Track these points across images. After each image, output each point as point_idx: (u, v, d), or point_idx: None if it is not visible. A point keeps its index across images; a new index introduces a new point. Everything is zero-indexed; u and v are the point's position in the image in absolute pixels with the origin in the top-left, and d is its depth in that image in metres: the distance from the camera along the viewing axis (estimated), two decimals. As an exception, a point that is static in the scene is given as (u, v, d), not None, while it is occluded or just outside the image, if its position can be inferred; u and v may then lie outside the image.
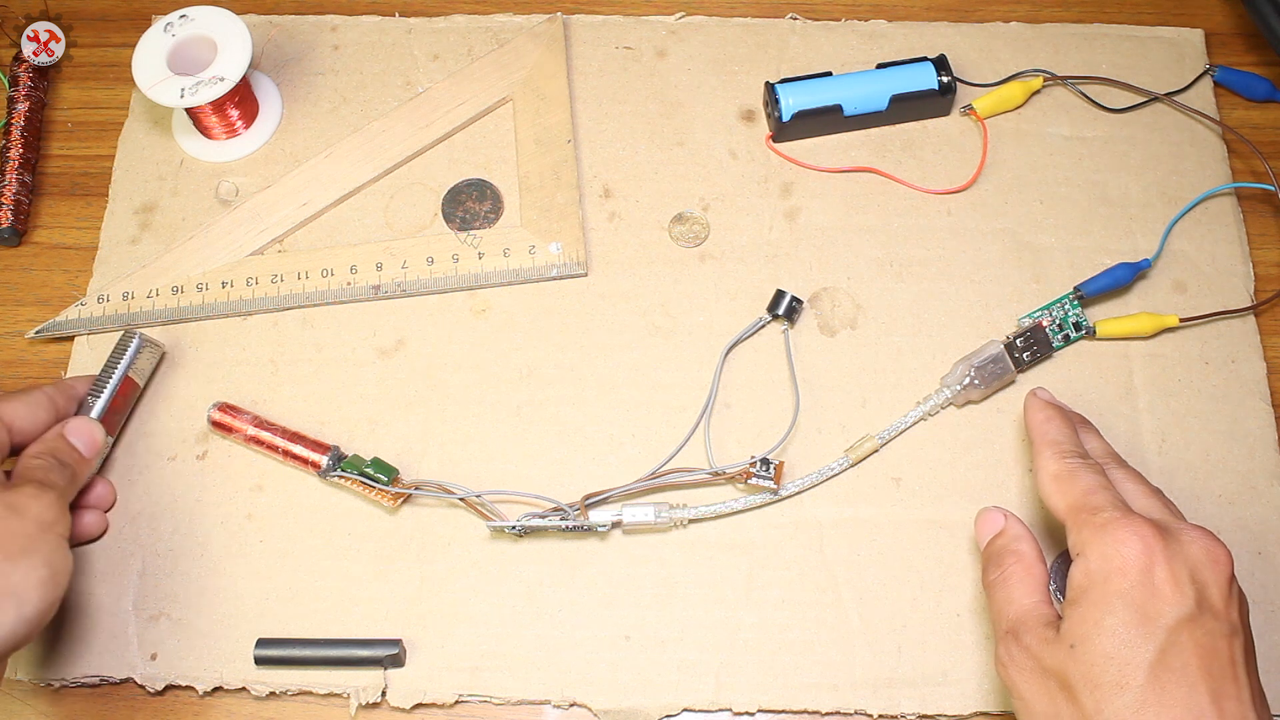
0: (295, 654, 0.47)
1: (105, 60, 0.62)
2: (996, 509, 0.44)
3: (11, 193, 0.57)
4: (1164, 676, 0.36)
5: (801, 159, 0.57)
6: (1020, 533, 0.43)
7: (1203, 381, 0.52)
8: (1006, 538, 0.43)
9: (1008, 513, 0.44)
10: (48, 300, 0.56)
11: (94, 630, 0.49)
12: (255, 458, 0.52)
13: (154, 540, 0.50)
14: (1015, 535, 0.43)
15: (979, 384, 0.51)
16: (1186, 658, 0.36)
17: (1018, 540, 0.43)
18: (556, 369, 0.53)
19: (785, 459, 0.51)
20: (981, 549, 0.44)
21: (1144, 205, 0.56)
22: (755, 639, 0.48)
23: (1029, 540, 0.43)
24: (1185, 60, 0.59)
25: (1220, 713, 0.35)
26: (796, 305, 0.53)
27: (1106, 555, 0.38)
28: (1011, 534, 0.43)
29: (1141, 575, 0.37)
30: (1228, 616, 0.38)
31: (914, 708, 0.47)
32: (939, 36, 0.60)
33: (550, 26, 0.60)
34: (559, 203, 0.56)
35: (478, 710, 0.48)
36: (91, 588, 0.49)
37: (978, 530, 0.45)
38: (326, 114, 0.59)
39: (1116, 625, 0.37)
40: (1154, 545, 0.38)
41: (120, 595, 0.49)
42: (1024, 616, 0.40)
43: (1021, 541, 0.43)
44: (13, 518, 0.41)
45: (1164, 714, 0.35)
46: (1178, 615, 0.37)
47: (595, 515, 0.49)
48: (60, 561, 0.42)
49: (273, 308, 0.55)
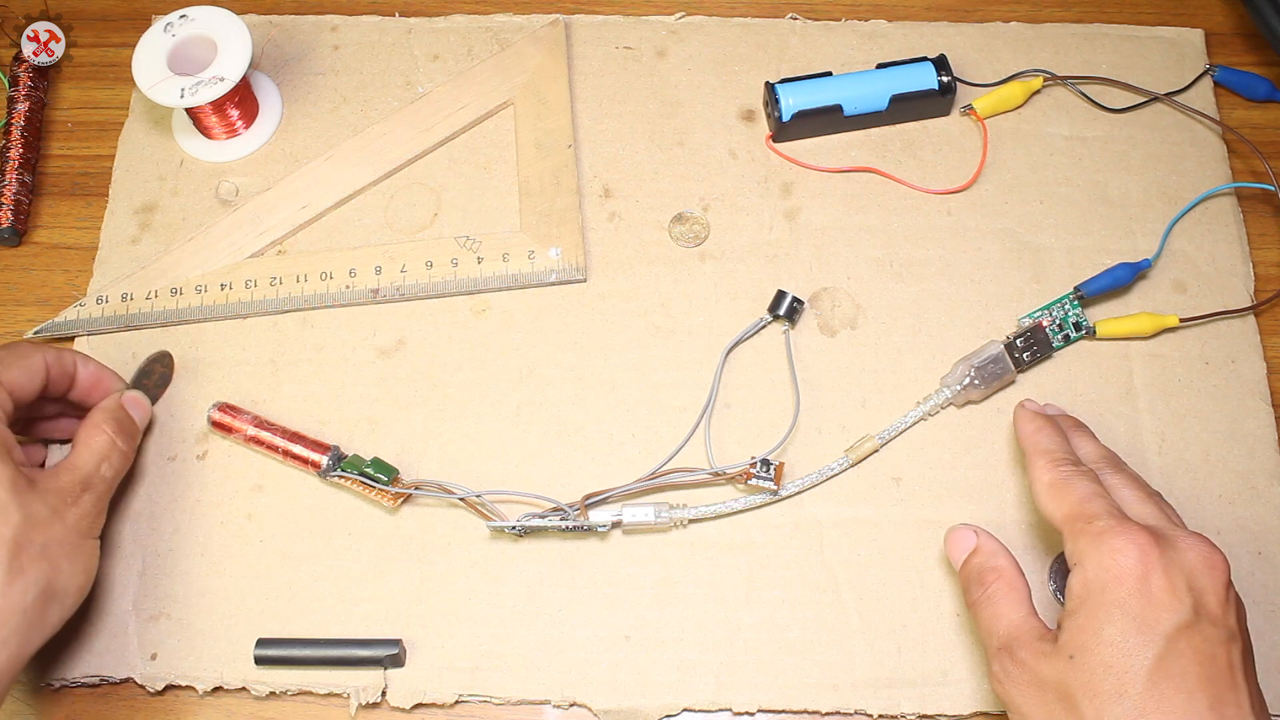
0: (295, 654, 0.47)
1: (105, 60, 0.62)
2: (965, 526, 0.45)
3: (11, 193, 0.57)
4: (1162, 684, 0.36)
5: (801, 159, 0.57)
6: (995, 548, 0.43)
7: (1203, 381, 0.52)
8: (983, 555, 0.43)
9: (978, 529, 0.44)
10: (47, 300, 0.56)
11: (94, 630, 0.49)
12: (255, 458, 0.52)
13: (154, 540, 0.50)
14: (991, 551, 0.43)
15: (979, 384, 0.51)
16: (1185, 665, 0.36)
17: (994, 556, 0.43)
18: (556, 369, 0.53)
19: (785, 459, 0.51)
20: (956, 568, 0.45)
21: (1144, 205, 0.56)
22: (755, 639, 0.48)
23: (1005, 555, 0.43)
24: (1185, 60, 0.59)
25: (1220, 718, 0.35)
26: (797, 306, 0.53)
27: (1103, 564, 0.38)
28: (987, 550, 0.43)
29: (1138, 584, 0.37)
30: (1225, 623, 0.38)
31: (914, 708, 0.47)
32: (939, 36, 0.60)
33: (552, 30, 0.60)
34: (559, 207, 0.56)
35: (478, 710, 0.48)
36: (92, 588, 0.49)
37: (950, 550, 0.45)
38: (326, 114, 0.59)
39: (1114, 634, 0.37)
40: (1150, 553, 0.38)
41: (120, 595, 0.49)
42: (1015, 632, 0.40)
43: (998, 557, 0.43)
44: (57, 523, 0.43)
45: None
46: (1175, 623, 0.37)
47: (595, 515, 0.49)
48: (94, 564, 0.45)
49: (271, 310, 0.55)
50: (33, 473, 0.43)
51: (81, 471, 0.45)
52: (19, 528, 0.41)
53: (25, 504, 0.42)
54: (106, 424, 0.47)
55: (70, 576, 0.43)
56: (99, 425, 0.47)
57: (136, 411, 0.49)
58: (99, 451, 0.46)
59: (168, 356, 0.53)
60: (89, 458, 0.46)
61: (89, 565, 0.44)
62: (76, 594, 0.44)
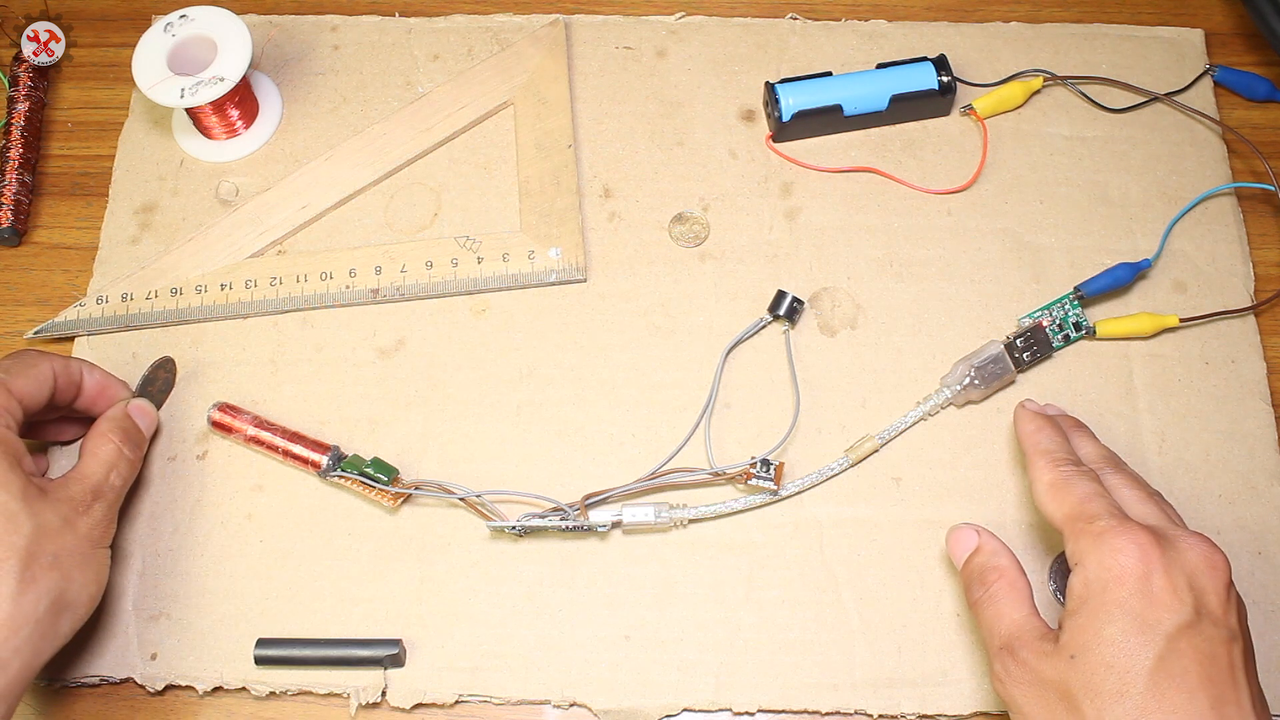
0: (295, 654, 0.47)
1: (105, 60, 0.62)
2: (967, 526, 0.45)
3: (11, 193, 0.57)
4: (1164, 683, 0.36)
5: (801, 159, 0.57)
6: (997, 547, 0.43)
7: (1203, 381, 0.52)
8: (985, 554, 0.43)
9: (979, 528, 0.44)
10: (47, 300, 0.56)
11: (94, 630, 0.48)
12: (255, 458, 0.52)
13: (154, 540, 0.50)
14: (993, 550, 0.43)
15: (979, 384, 0.51)
16: (1186, 664, 0.36)
17: (996, 555, 0.43)
18: (556, 369, 0.53)
19: (785, 459, 0.51)
20: (958, 567, 0.45)
21: (1144, 205, 0.56)
22: (755, 639, 0.48)
23: (1007, 554, 0.43)
24: (1185, 60, 0.59)
25: (1220, 718, 0.36)
26: (797, 306, 0.53)
27: (1104, 564, 0.38)
28: (989, 550, 0.43)
29: (1139, 584, 0.37)
30: (1226, 622, 0.38)
31: (914, 708, 0.47)
32: (939, 36, 0.60)
33: (552, 30, 0.60)
34: (559, 208, 0.56)
35: (478, 710, 0.48)
36: (93, 589, 0.49)
37: (951, 549, 0.45)
38: (326, 114, 0.59)
39: (1116, 634, 0.37)
40: (1151, 553, 0.38)
41: (120, 595, 0.49)
42: (1017, 631, 0.40)
43: (1000, 556, 0.43)
44: (68, 533, 0.43)
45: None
46: (1176, 622, 0.37)
47: (595, 515, 0.49)
48: (105, 573, 0.45)
49: (271, 311, 0.55)
50: (44, 483, 0.43)
51: (91, 480, 0.45)
52: (31, 537, 0.41)
53: (37, 513, 0.42)
54: (113, 433, 0.47)
55: (82, 586, 0.43)
56: (106, 435, 0.47)
57: (143, 420, 0.50)
58: (107, 460, 0.46)
59: (170, 362, 0.53)
60: (97, 467, 0.46)
61: (100, 575, 0.44)
62: (88, 603, 0.43)
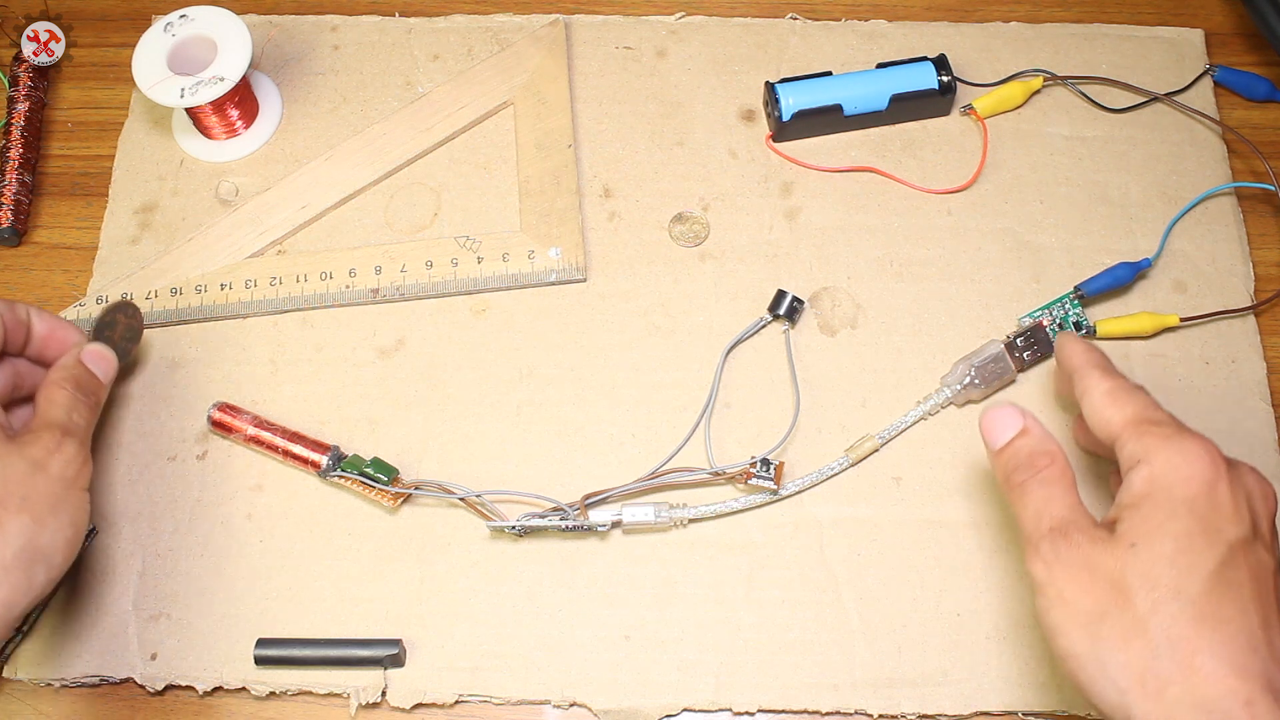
0: (295, 654, 0.47)
1: (105, 60, 0.62)
2: (1011, 406, 0.41)
3: (11, 193, 0.57)
4: (1220, 590, 0.35)
5: (801, 159, 0.57)
6: (1047, 434, 0.41)
7: (1203, 381, 0.52)
8: (1035, 438, 0.41)
9: (1025, 411, 0.41)
10: (48, 300, 0.56)
11: (94, 630, 0.49)
12: (255, 458, 0.52)
13: (154, 540, 0.50)
14: (1043, 436, 0.41)
15: (979, 383, 0.51)
16: (1242, 577, 0.36)
17: (1047, 441, 0.41)
18: (556, 369, 0.53)
19: (785, 459, 0.51)
20: (993, 449, 0.42)
21: (1144, 205, 0.56)
22: (755, 639, 0.48)
23: (1057, 443, 0.41)
24: (1185, 60, 0.59)
25: (1268, 641, 0.35)
26: (798, 305, 0.53)
27: (1173, 463, 0.37)
28: (1039, 435, 0.41)
29: (1207, 488, 0.37)
30: (1273, 551, 0.37)
31: (914, 708, 0.47)
32: (939, 36, 0.60)
33: (552, 30, 0.60)
34: (559, 208, 0.56)
35: (478, 710, 0.48)
36: (91, 587, 0.49)
37: (989, 432, 0.42)
38: (326, 114, 0.59)
39: (1180, 531, 0.36)
40: (1220, 463, 0.37)
41: (120, 595, 0.49)
42: (1072, 515, 0.38)
43: (1052, 442, 0.40)
44: (39, 475, 0.41)
45: (1219, 629, 0.35)
46: (1238, 535, 0.36)
47: (595, 515, 0.49)
48: (83, 518, 0.42)
49: (271, 310, 0.55)
50: (8, 431, 0.42)
51: (55, 421, 0.43)
52: None
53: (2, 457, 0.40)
54: (66, 382, 0.44)
55: (56, 530, 0.41)
56: (58, 383, 0.44)
57: (99, 366, 0.46)
58: (64, 404, 0.43)
59: (131, 306, 0.51)
60: (56, 410, 0.43)
61: (77, 519, 0.42)
62: (65, 550, 0.41)
